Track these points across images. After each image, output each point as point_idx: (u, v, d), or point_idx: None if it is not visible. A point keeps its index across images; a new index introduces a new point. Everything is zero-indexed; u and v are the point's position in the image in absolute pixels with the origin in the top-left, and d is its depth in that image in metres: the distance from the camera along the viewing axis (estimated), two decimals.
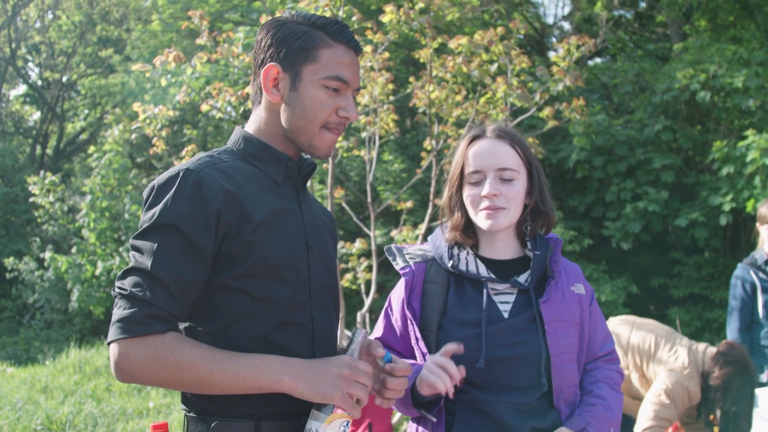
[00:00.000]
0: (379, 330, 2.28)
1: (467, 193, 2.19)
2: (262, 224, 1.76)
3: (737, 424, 3.85)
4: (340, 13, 5.52)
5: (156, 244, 1.67)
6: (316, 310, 1.85)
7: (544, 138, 12.42)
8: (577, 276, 2.25)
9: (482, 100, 6.19)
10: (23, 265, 15.43)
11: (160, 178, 1.77)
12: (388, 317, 2.25)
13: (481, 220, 2.16)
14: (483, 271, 2.15)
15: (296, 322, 1.80)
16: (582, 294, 2.21)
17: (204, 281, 1.72)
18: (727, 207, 10.66)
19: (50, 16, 24.11)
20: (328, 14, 5.39)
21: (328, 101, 1.85)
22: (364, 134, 6.65)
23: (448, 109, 6.14)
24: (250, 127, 1.95)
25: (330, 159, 5.80)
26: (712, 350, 4.04)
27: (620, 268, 12.41)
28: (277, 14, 5.94)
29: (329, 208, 5.92)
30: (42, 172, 13.65)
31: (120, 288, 1.67)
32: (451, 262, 2.17)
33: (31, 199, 13.46)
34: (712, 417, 3.91)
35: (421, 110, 6.35)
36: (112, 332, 1.65)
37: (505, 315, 2.11)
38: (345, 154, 6.76)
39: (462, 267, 2.16)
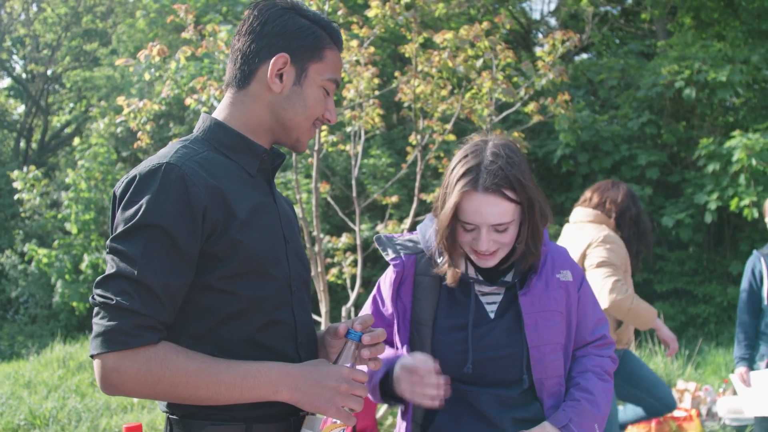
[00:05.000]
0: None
1: (461, 235, 2.10)
2: (246, 221, 1.69)
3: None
4: (326, 7, 5.51)
5: (141, 247, 1.57)
6: (296, 306, 1.81)
7: (530, 133, 12.46)
8: (564, 261, 2.22)
9: (467, 95, 6.20)
10: (5, 259, 15.34)
11: (139, 172, 1.65)
12: (376, 303, 2.24)
13: (474, 259, 2.12)
14: (471, 272, 2.15)
15: (281, 320, 1.76)
16: (569, 281, 2.19)
17: (189, 283, 1.64)
18: (713, 206, 10.73)
19: (35, 9, 23.93)
20: (313, 8, 5.36)
21: (323, 102, 1.85)
22: (349, 129, 6.64)
23: (434, 104, 6.14)
24: (222, 113, 1.85)
25: (315, 153, 5.79)
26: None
27: None
28: None
29: (314, 203, 5.91)
30: (25, 167, 13.57)
31: (103, 297, 1.56)
32: (441, 259, 2.16)
33: (16, 196, 13.38)
34: None
35: (406, 105, 6.35)
36: (98, 345, 1.54)
37: (492, 315, 2.12)
38: (330, 149, 6.75)
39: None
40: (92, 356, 1.57)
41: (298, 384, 1.66)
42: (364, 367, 1.88)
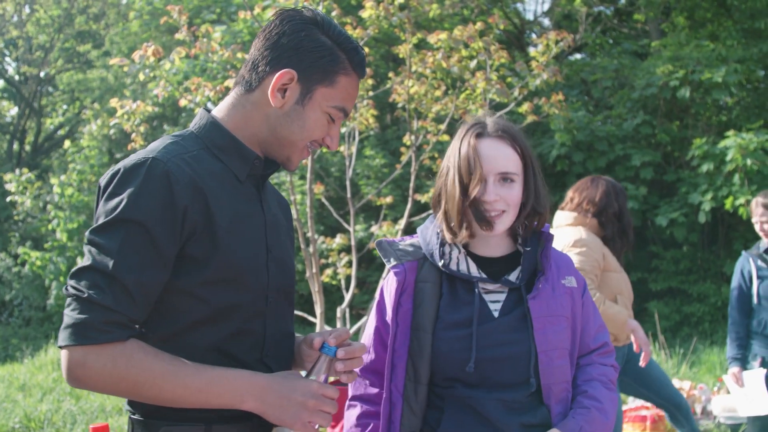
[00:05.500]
0: (372, 325, 2.22)
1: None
2: (226, 228, 1.66)
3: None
4: (320, 8, 5.51)
5: (118, 242, 1.54)
6: (269, 316, 1.78)
7: (524, 133, 12.47)
8: (568, 268, 2.22)
9: (462, 96, 6.20)
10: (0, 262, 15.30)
11: (124, 165, 1.62)
12: (381, 311, 2.20)
13: (479, 226, 2.09)
14: (474, 270, 2.11)
15: (250, 330, 1.73)
16: (574, 287, 2.18)
17: (164, 283, 1.61)
18: (707, 206, 10.76)
19: (27, 10, 23.87)
20: (307, 9, 5.35)
21: (325, 127, 1.80)
22: (343, 129, 6.64)
23: (428, 105, 6.14)
24: (222, 112, 1.81)
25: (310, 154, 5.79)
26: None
27: None
28: (257, 9, 5.94)
29: (309, 204, 5.90)
30: (18, 169, 13.54)
31: (75, 288, 1.54)
32: (442, 261, 2.12)
33: (9, 198, 13.34)
34: None
35: (400, 106, 6.35)
36: (66, 337, 1.53)
37: (495, 314, 2.08)
38: (325, 150, 6.75)
39: (453, 267, 2.11)
40: (60, 347, 1.55)
41: (265, 396, 1.64)
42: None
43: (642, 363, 3.84)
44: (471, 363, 2.01)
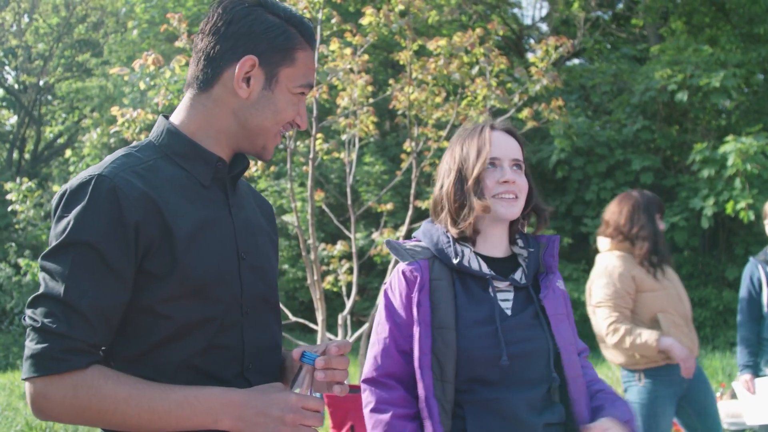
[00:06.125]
0: (385, 329, 2.18)
1: (486, 178, 2.17)
2: (187, 240, 1.57)
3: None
4: (319, 15, 5.51)
5: (68, 267, 1.48)
6: (248, 327, 1.68)
7: (524, 139, 12.51)
8: (557, 274, 2.29)
9: (463, 103, 6.21)
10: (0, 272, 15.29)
11: (70, 185, 1.54)
12: (391, 313, 2.17)
13: (497, 206, 2.14)
14: (485, 268, 2.14)
15: (224, 344, 1.64)
16: (564, 290, 2.26)
17: (126, 302, 1.53)
18: (709, 211, 10.76)
19: (26, 19, 23.91)
20: (307, 16, 5.37)
21: (296, 106, 1.73)
22: (344, 136, 6.65)
23: (428, 111, 6.14)
24: (179, 116, 1.71)
25: (310, 161, 5.79)
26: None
27: None
28: None
29: (309, 211, 5.89)
30: (18, 178, 13.53)
31: (31, 318, 1.48)
32: (457, 258, 2.13)
33: (10, 208, 13.30)
34: None
35: (400, 112, 6.35)
36: (26, 368, 1.47)
37: (508, 312, 2.11)
38: (325, 157, 6.75)
39: (466, 263, 2.13)
40: (23, 380, 1.51)
41: (241, 413, 1.55)
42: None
43: (684, 374, 3.85)
44: (504, 357, 2.02)
